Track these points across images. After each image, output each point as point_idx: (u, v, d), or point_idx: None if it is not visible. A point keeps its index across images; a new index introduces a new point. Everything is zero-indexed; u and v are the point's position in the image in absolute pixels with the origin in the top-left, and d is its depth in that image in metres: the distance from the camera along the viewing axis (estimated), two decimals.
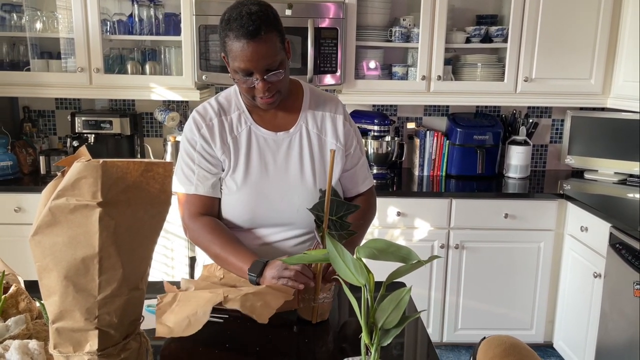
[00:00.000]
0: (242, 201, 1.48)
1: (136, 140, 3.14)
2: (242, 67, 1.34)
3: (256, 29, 1.30)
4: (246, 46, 1.31)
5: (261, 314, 1.15)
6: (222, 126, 1.48)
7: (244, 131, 1.49)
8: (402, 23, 2.99)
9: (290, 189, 1.49)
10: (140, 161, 0.80)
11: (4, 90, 2.92)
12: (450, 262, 2.86)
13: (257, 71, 1.35)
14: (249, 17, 1.30)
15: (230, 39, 1.33)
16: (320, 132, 1.52)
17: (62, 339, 0.82)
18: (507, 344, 0.93)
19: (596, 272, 2.51)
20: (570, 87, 2.97)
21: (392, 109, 3.33)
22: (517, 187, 3.01)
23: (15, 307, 1.13)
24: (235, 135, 1.48)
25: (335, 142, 1.53)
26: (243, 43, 1.31)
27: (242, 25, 1.30)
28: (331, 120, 1.53)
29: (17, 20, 2.90)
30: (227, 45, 1.34)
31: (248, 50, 1.31)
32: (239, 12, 1.32)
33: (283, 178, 1.49)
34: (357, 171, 1.61)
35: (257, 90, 1.38)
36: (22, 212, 2.72)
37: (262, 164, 1.48)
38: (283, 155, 1.49)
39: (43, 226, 0.78)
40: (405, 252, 0.91)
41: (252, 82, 1.37)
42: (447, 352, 2.99)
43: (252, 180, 1.48)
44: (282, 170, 1.49)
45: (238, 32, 1.31)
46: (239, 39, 1.31)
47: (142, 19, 2.90)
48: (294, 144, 1.50)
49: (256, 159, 1.48)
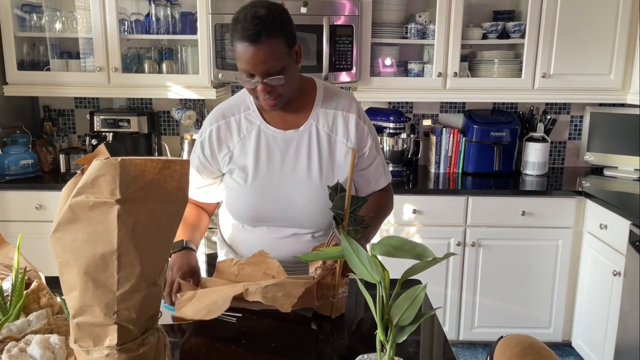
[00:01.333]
0: (248, 198, 1.50)
1: (153, 139, 3.18)
2: (244, 68, 1.36)
3: (257, 33, 1.30)
4: (247, 49, 1.32)
5: (284, 303, 1.16)
6: (229, 128, 1.50)
7: (253, 130, 1.50)
8: (418, 19, 2.98)
9: (296, 187, 1.49)
10: (157, 159, 0.81)
11: (25, 90, 2.98)
12: (467, 260, 2.84)
13: (257, 74, 1.36)
14: (252, 20, 1.31)
15: (235, 40, 1.34)
16: (331, 131, 1.50)
17: (83, 334, 0.83)
18: (525, 344, 0.92)
19: (616, 270, 2.47)
20: (589, 82, 2.92)
21: (407, 106, 3.32)
22: (535, 184, 2.98)
23: (36, 302, 1.15)
24: (244, 135, 1.50)
25: (345, 142, 1.50)
26: (244, 45, 1.32)
27: (244, 27, 1.31)
28: (343, 119, 1.51)
29: (37, 21, 2.95)
30: (233, 44, 1.36)
31: (248, 53, 1.33)
32: (245, 14, 1.33)
33: (290, 176, 1.50)
34: (371, 171, 1.59)
35: (262, 93, 1.39)
36: (42, 209, 2.77)
37: (270, 163, 1.49)
38: (291, 153, 1.50)
39: (63, 223, 0.79)
40: (420, 250, 0.91)
41: (253, 83, 1.38)
42: (463, 351, 2.97)
43: (259, 178, 1.49)
44: (290, 168, 1.50)
45: (241, 34, 1.32)
46: (241, 40, 1.32)
47: (159, 19, 2.93)
48: (303, 142, 1.50)
49: (264, 157, 1.49)
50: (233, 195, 1.53)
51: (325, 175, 1.49)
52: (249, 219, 1.54)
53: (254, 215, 1.52)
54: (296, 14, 2.71)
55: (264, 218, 1.52)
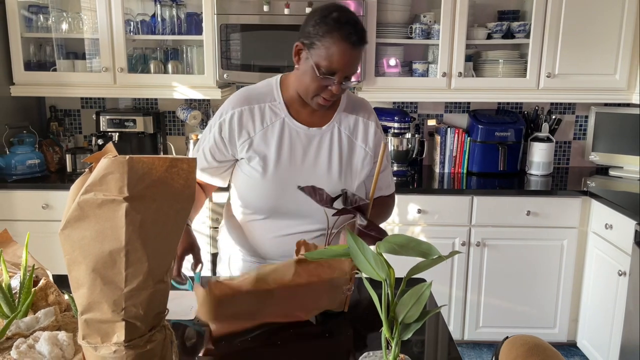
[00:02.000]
0: (267, 189, 1.51)
1: (159, 139, 3.19)
2: (332, 67, 1.38)
3: (360, 39, 1.38)
4: (346, 51, 1.36)
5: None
6: (252, 115, 1.50)
7: (277, 122, 1.51)
8: (423, 20, 2.98)
9: (315, 183, 1.50)
10: (165, 157, 0.82)
11: (32, 90, 2.99)
12: (472, 259, 2.84)
13: (339, 75, 1.40)
14: (355, 25, 1.38)
15: (332, 38, 1.36)
16: (352, 135, 1.56)
17: (90, 330, 0.84)
18: (531, 344, 0.92)
19: (621, 270, 2.47)
20: (594, 82, 2.92)
21: (412, 106, 3.32)
22: (540, 184, 2.97)
23: (44, 299, 1.17)
24: (267, 125, 1.51)
25: (364, 147, 1.56)
26: (345, 48, 1.36)
27: (351, 32, 1.36)
28: (363, 126, 1.57)
29: (44, 22, 2.97)
30: (324, 41, 1.37)
31: (346, 56, 1.37)
32: (347, 18, 1.38)
33: (310, 172, 1.52)
34: (382, 177, 1.64)
35: (329, 92, 1.42)
36: (49, 209, 2.78)
37: (292, 156, 1.51)
38: (313, 150, 1.52)
39: (72, 220, 0.80)
40: (425, 248, 0.92)
41: (329, 82, 1.40)
42: (468, 350, 2.97)
43: (280, 170, 1.51)
44: (311, 164, 1.52)
45: (343, 35, 1.35)
46: (343, 41, 1.36)
47: (165, 19, 2.94)
48: (325, 141, 1.53)
49: (287, 149, 1.51)
50: (251, 184, 1.53)
51: (344, 175, 1.54)
52: (264, 209, 1.54)
53: (271, 206, 1.53)
54: (301, 14, 2.72)
55: (279, 210, 1.53)
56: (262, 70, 2.80)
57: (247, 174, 1.53)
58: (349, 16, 1.39)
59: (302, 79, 1.44)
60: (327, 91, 1.42)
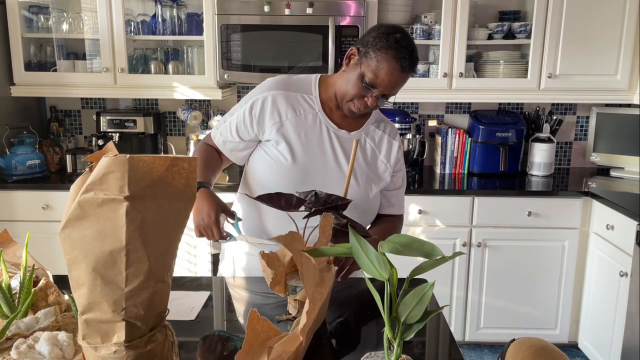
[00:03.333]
0: (291, 176, 1.53)
1: (159, 139, 3.19)
2: (376, 80, 1.43)
3: (411, 66, 1.44)
4: (394, 71, 1.42)
5: None
6: (288, 99, 1.53)
7: (310, 114, 1.54)
8: (424, 20, 2.98)
9: (338, 182, 1.53)
10: (166, 156, 0.81)
11: (32, 91, 2.99)
12: (473, 260, 2.84)
13: (379, 91, 1.45)
14: (412, 52, 1.44)
15: (387, 55, 1.41)
16: (376, 148, 1.62)
17: (91, 330, 0.83)
18: (538, 346, 0.92)
19: (622, 270, 2.46)
20: (596, 83, 2.91)
21: (413, 107, 3.31)
22: (541, 184, 2.97)
23: (44, 300, 1.16)
24: (301, 114, 1.54)
25: (385, 162, 1.62)
26: (394, 68, 1.41)
27: (406, 56, 1.42)
28: (388, 143, 1.62)
29: (44, 22, 2.97)
30: (378, 55, 1.42)
31: (393, 77, 1.42)
32: (408, 43, 1.44)
33: (335, 168, 1.55)
34: (396, 193, 1.70)
35: (364, 103, 1.47)
36: (49, 209, 2.78)
37: (320, 148, 1.54)
38: (339, 150, 1.56)
39: (72, 219, 0.79)
40: (429, 248, 0.91)
41: (368, 93, 1.46)
42: (469, 351, 2.97)
43: (308, 159, 1.53)
44: (336, 161, 1.55)
45: (398, 55, 1.41)
46: (396, 61, 1.41)
47: (165, 19, 2.94)
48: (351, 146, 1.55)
49: (316, 142, 1.54)
50: (276, 168, 1.54)
51: (364, 181, 1.58)
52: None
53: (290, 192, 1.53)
54: (302, 14, 2.72)
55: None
56: (263, 70, 2.80)
57: (272, 157, 1.54)
58: (409, 42, 1.45)
59: (345, 81, 1.49)
60: (363, 101, 1.47)
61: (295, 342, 0.95)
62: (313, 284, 1.04)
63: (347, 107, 1.51)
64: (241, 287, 1.56)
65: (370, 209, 1.64)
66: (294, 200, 1.27)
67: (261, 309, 1.35)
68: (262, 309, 1.36)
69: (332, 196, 1.29)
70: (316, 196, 1.27)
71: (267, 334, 1.02)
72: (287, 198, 1.28)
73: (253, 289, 1.54)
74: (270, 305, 1.38)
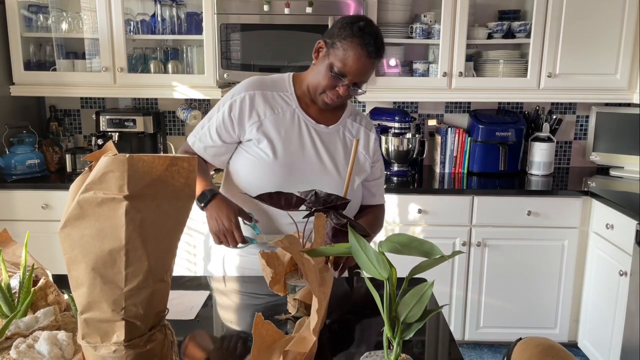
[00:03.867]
0: (275, 173, 1.54)
1: (159, 139, 3.19)
2: (344, 69, 1.46)
3: (378, 51, 1.48)
4: (361, 58, 1.45)
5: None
6: (265, 99, 1.56)
7: (288, 111, 1.57)
8: (423, 19, 2.97)
9: (322, 176, 1.56)
10: (165, 156, 0.82)
11: (32, 90, 2.99)
12: (472, 259, 2.84)
13: (349, 79, 1.48)
14: (377, 37, 1.47)
15: (352, 43, 1.45)
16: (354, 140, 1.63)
17: (90, 330, 0.83)
18: (545, 345, 0.92)
19: (622, 270, 2.46)
20: (595, 82, 2.91)
21: (412, 106, 3.31)
22: (540, 184, 2.97)
23: (44, 299, 1.16)
24: (279, 112, 1.56)
25: (364, 153, 1.65)
26: (360, 55, 1.45)
27: (371, 42, 1.45)
28: (365, 135, 1.66)
29: (44, 21, 2.96)
30: (343, 44, 1.46)
31: (360, 63, 1.46)
32: (371, 30, 1.47)
33: (318, 164, 1.57)
34: (377, 184, 1.74)
35: (337, 93, 1.49)
36: (49, 209, 2.78)
37: (300, 144, 1.56)
38: (320, 145, 1.58)
39: (72, 219, 0.79)
40: (428, 247, 0.91)
41: (338, 83, 1.49)
42: (469, 351, 2.97)
43: (289, 156, 1.55)
44: (318, 158, 1.57)
45: (364, 42, 1.44)
46: (361, 48, 1.45)
47: (165, 19, 2.94)
48: (331, 140, 1.60)
49: (296, 138, 1.56)
50: (258, 167, 1.55)
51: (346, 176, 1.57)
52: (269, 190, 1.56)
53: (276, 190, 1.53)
54: (301, 13, 2.71)
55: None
56: (262, 70, 2.80)
57: (254, 156, 1.56)
58: (373, 29, 1.48)
59: (315, 74, 1.52)
60: (335, 91, 1.50)
61: (309, 342, 0.96)
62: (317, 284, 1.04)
63: (320, 100, 1.53)
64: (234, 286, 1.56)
65: (355, 200, 1.66)
66: (294, 199, 1.27)
67: (258, 309, 1.35)
68: (258, 309, 1.37)
69: (332, 196, 1.29)
70: (316, 196, 1.27)
71: (273, 337, 1.02)
72: (287, 197, 1.28)
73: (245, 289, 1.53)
74: (266, 305, 1.38)
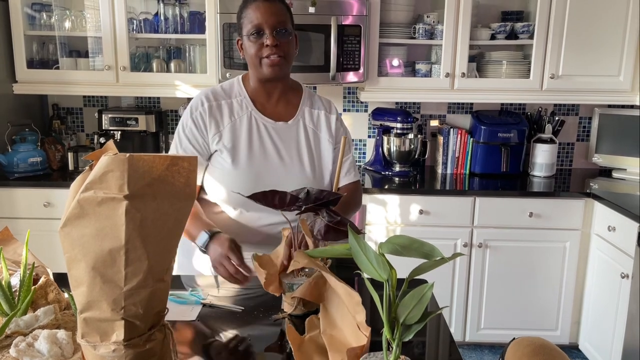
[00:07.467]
0: (240, 180, 1.55)
1: (161, 137, 3.19)
2: (255, 23, 1.48)
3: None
4: (259, 6, 1.48)
5: None
6: (220, 109, 1.58)
7: (244, 116, 1.58)
8: (426, 20, 2.97)
9: (288, 176, 1.56)
10: (165, 155, 0.81)
11: (34, 88, 2.99)
12: (474, 261, 2.83)
13: (267, 27, 1.48)
14: None
15: (248, 7, 1.50)
16: (316, 128, 1.65)
17: (90, 329, 0.83)
18: (537, 344, 0.93)
19: (624, 272, 2.46)
20: (598, 84, 2.91)
21: (415, 107, 3.31)
22: (543, 185, 2.96)
23: (44, 298, 1.16)
24: (235, 119, 1.58)
25: (328, 138, 1.64)
26: (257, 4, 1.49)
27: None
28: (326, 119, 1.66)
29: (47, 20, 2.97)
30: (244, 15, 1.51)
31: (261, 9, 1.48)
32: None
33: (282, 165, 1.57)
34: (347, 160, 1.70)
35: (267, 48, 1.49)
36: (51, 207, 2.78)
37: (262, 148, 1.57)
38: (282, 144, 1.59)
39: (72, 218, 0.79)
40: (428, 249, 0.91)
41: (262, 39, 1.49)
42: (469, 352, 2.96)
43: (252, 161, 1.56)
44: (281, 157, 1.58)
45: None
46: (254, 1, 1.49)
47: (168, 18, 2.94)
48: (292, 135, 1.60)
49: (257, 142, 1.57)
50: (223, 175, 1.57)
51: (316, 168, 1.61)
52: (237, 202, 1.56)
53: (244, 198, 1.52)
54: (304, 13, 2.71)
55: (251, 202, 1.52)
56: None
57: (218, 167, 1.57)
58: None
59: (247, 56, 1.54)
60: (266, 49, 1.49)
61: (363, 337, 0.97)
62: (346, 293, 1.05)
63: (265, 68, 1.52)
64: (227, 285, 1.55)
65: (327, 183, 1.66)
66: (287, 198, 1.27)
67: (254, 308, 1.35)
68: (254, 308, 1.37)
69: (324, 192, 1.29)
70: (307, 193, 1.27)
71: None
72: (281, 196, 1.28)
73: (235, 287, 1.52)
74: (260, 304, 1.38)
